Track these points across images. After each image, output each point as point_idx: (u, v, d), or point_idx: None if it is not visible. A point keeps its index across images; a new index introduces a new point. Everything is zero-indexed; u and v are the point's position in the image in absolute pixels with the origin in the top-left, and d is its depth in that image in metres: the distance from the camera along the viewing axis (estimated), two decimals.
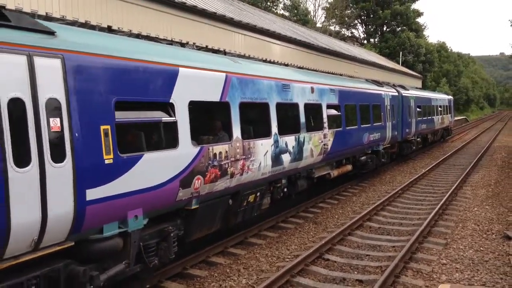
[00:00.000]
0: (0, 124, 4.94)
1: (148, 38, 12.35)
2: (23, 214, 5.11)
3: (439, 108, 31.15)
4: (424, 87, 52.17)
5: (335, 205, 14.02)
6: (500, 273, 8.35)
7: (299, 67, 19.40)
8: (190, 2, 14.48)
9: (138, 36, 12.44)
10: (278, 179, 10.73)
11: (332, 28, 61.81)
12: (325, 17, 62.24)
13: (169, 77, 7.27)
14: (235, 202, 9.13)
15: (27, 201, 5.16)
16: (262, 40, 18.62)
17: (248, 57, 15.70)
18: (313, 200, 14.01)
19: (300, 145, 11.33)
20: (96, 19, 11.38)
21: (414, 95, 24.35)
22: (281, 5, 50.19)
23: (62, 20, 10.98)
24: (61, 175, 5.48)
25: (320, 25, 58.81)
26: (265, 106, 9.91)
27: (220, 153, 8.29)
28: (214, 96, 8.28)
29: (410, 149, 23.91)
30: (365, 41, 67.29)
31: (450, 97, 38.70)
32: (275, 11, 47.34)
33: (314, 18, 58.55)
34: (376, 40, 66.71)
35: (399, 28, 64.78)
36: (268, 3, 45.86)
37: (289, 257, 9.35)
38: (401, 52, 56.92)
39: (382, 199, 14.05)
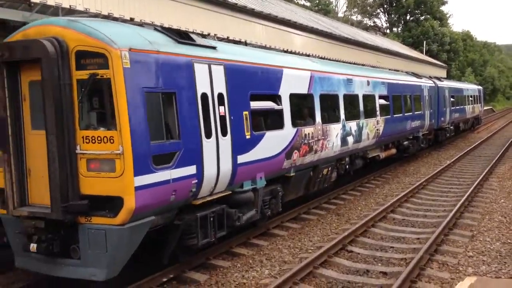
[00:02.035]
0: (195, 111, 7.41)
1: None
2: (209, 169, 7.60)
3: (470, 98, 32.86)
4: (449, 77, 51.13)
5: (357, 196, 13.93)
6: None
7: (321, 58, 19.23)
8: None
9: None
10: (343, 157, 13.12)
11: (354, 17, 61.07)
12: (347, 7, 61.53)
13: (278, 75, 9.84)
14: (314, 174, 11.59)
15: (211, 161, 7.64)
16: (284, 30, 18.50)
17: (270, 48, 15.74)
18: (336, 191, 13.95)
19: (360, 129, 13.72)
20: (119, 11, 11.47)
21: (448, 86, 26.58)
22: None
23: (86, 13, 11.11)
24: (225, 145, 8.02)
25: (342, 15, 58.16)
26: (336, 97, 12.43)
27: (308, 133, 10.79)
28: (303, 89, 10.82)
29: (445, 136, 25.83)
30: (388, 31, 66.29)
31: (480, 87, 40.54)
32: (296, 2, 46.98)
33: (336, 8, 57.94)
34: (399, 29, 65.64)
35: (423, 17, 63.58)
36: None
37: (312, 248, 9.34)
38: (424, 41, 55.95)
39: (406, 190, 13.89)
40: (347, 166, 13.58)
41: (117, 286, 7.02)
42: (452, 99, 26.91)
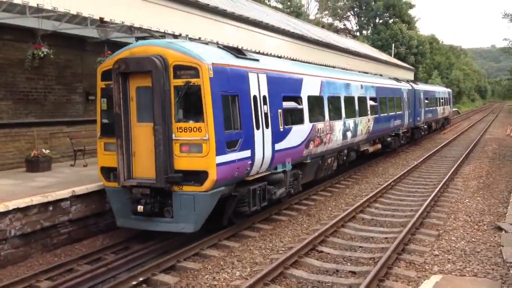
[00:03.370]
0: (250, 109, 10.02)
1: (140, 30, 12.75)
2: (258, 153, 10.19)
3: (441, 100, 36.37)
4: (416, 79, 52.27)
5: (328, 197, 14.08)
6: (491, 264, 8.42)
7: (293, 59, 19.37)
8: None
9: (131, 28, 12.39)
10: (342, 149, 15.75)
11: (325, 20, 61.65)
12: (318, 9, 62.09)
13: (300, 81, 12.70)
14: (322, 162, 14.25)
15: (259, 147, 10.21)
16: (255, 32, 18.50)
17: (242, 49, 15.99)
18: (307, 192, 14.06)
19: (356, 126, 16.41)
20: (88, 11, 11.25)
21: (423, 89, 30.03)
22: None
23: (54, 12, 10.83)
24: (268, 135, 10.64)
25: (313, 17, 58.63)
26: (339, 98, 15.25)
27: (320, 128, 13.48)
28: (316, 92, 13.61)
29: (420, 135, 28.98)
30: (358, 33, 67.24)
31: (449, 90, 44.64)
32: (268, 3, 47.11)
33: (307, 10, 58.37)
34: (368, 32, 66.67)
35: (392, 20, 64.81)
36: None
37: (283, 249, 9.38)
38: (393, 44, 56.96)
39: (375, 191, 14.13)
40: (345, 158, 16.27)
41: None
42: (426, 101, 29.91)
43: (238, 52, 10.63)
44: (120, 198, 9.55)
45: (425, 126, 29.98)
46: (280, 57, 18.73)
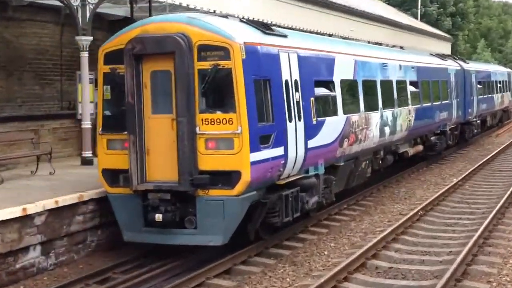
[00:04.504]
0: (282, 96, 11.99)
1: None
2: (291, 151, 12.09)
3: (499, 85, 38.42)
4: (455, 53, 53.45)
5: (323, 235, 14.17)
6: None
7: (273, 24, 19.60)
8: None
9: None
10: (378, 150, 18.00)
11: None
12: None
13: (332, 62, 14.80)
14: (355, 167, 16.23)
15: (292, 144, 12.08)
16: None
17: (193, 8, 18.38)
18: (291, 229, 14.09)
19: (394, 119, 18.50)
20: None
21: (475, 69, 32.29)
22: None
23: None
24: (300, 129, 12.56)
25: None
26: (375, 83, 17.21)
27: (355, 121, 15.50)
28: (350, 75, 15.60)
29: (472, 133, 31.31)
30: None
31: (510, 70, 47.45)
32: None
33: None
34: None
35: None
36: None
37: None
38: (419, 0, 58.03)
39: (395, 224, 14.32)
40: (380, 161, 18.42)
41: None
42: (479, 86, 32.32)
43: (265, 27, 12.68)
44: (128, 206, 11.35)
45: (478, 122, 32.12)
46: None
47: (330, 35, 24.73)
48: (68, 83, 20.96)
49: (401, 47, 32.27)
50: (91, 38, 16.51)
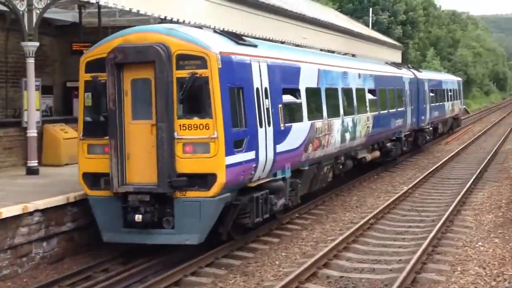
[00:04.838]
0: (254, 103, 12.87)
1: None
2: (262, 155, 12.93)
3: (449, 93, 40.48)
4: (405, 61, 54.29)
5: (275, 244, 14.17)
6: None
7: (221, 30, 19.58)
8: None
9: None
10: (339, 155, 18.98)
11: None
12: None
13: (298, 70, 15.82)
14: (318, 171, 17.25)
15: (262, 148, 12.93)
16: None
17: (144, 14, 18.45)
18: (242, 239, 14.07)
19: (354, 126, 19.48)
20: None
21: (427, 78, 33.50)
22: None
23: None
24: (270, 134, 13.36)
25: None
26: (336, 91, 18.39)
27: (319, 128, 16.42)
28: (314, 83, 16.80)
29: (425, 140, 32.47)
30: None
31: (459, 79, 48.93)
32: None
33: None
34: None
35: None
36: None
37: None
38: (371, 9, 58.83)
39: (346, 233, 14.40)
40: (341, 166, 19.42)
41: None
42: (431, 94, 33.53)
43: (238, 37, 13.71)
44: (108, 208, 12.09)
45: (431, 129, 33.45)
46: (201, 27, 19.08)
47: (282, 42, 24.82)
48: (13, 90, 20.57)
49: (353, 55, 32.69)
50: (38, 43, 16.21)
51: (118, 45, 11.91)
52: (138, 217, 11.61)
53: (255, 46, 14.07)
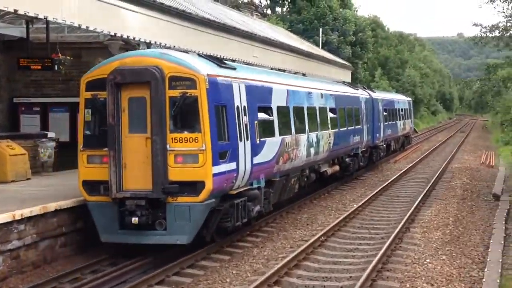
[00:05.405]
0: (235, 120, 14.72)
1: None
2: (241, 166, 14.82)
3: (401, 112, 43.15)
4: (355, 81, 55.10)
5: (226, 262, 14.16)
6: None
7: (169, 47, 19.59)
8: None
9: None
10: (305, 168, 20.94)
11: None
12: None
13: (270, 91, 17.81)
14: (286, 182, 19.09)
15: (242, 160, 14.84)
16: (108, 3, 18.39)
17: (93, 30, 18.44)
18: (193, 256, 14.03)
19: (318, 141, 21.53)
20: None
21: (381, 98, 36.05)
22: None
23: None
24: (248, 147, 15.17)
25: None
26: (302, 110, 20.45)
27: (288, 142, 18.41)
28: (284, 102, 18.80)
29: (379, 156, 34.68)
30: (269, 11, 69.56)
31: (410, 99, 52.32)
32: None
33: None
34: (284, 9, 69.22)
35: None
36: None
37: None
38: (321, 29, 59.56)
39: (297, 250, 14.50)
40: (306, 179, 21.27)
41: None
42: (385, 113, 35.76)
43: (219, 61, 15.58)
44: (105, 212, 13.66)
45: (384, 146, 35.85)
46: (149, 46, 19.91)
47: (233, 61, 24.92)
48: None
49: (304, 74, 33.07)
50: None
51: (116, 67, 13.54)
52: (134, 220, 13.13)
53: (234, 69, 15.93)
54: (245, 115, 15.36)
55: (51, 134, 21.26)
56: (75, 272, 12.95)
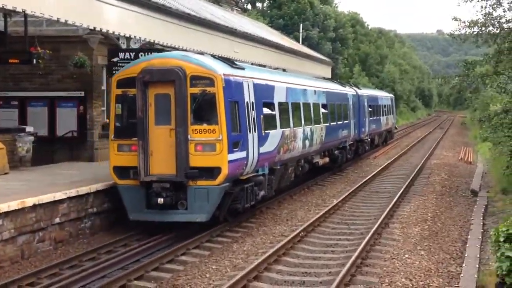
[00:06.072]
0: (245, 114, 17.14)
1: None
2: (250, 154, 17.21)
3: (384, 108, 45.41)
4: (335, 76, 55.26)
5: (205, 257, 14.18)
6: None
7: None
8: None
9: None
10: (300, 159, 23.15)
11: None
12: None
13: (272, 88, 20.04)
14: (285, 171, 21.25)
15: (250, 149, 17.23)
16: None
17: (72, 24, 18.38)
18: (172, 251, 14.01)
19: (312, 134, 23.79)
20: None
21: (366, 94, 38.62)
22: None
23: None
24: (256, 138, 17.73)
25: None
26: (299, 105, 22.68)
27: (287, 135, 20.58)
28: (284, 98, 21.04)
29: (364, 150, 37.04)
30: (249, 6, 69.53)
31: (392, 95, 55.02)
32: None
33: None
34: (265, 4, 69.27)
35: None
36: None
37: None
38: (301, 25, 59.64)
39: (277, 245, 14.55)
40: (300, 168, 23.42)
41: None
42: (369, 109, 38.02)
43: (231, 62, 17.96)
44: (134, 194, 15.72)
45: (369, 140, 38.32)
46: (129, 39, 20.27)
47: (214, 56, 24.88)
48: None
49: (284, 70, 33.32)
50: None
51: (145, 67, 15.62)
52: (160, 200, 15.15)
53: (243, 69, 18.10)
54: (253, 109, 17.50)
55: (29, 129, 21.08)
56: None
